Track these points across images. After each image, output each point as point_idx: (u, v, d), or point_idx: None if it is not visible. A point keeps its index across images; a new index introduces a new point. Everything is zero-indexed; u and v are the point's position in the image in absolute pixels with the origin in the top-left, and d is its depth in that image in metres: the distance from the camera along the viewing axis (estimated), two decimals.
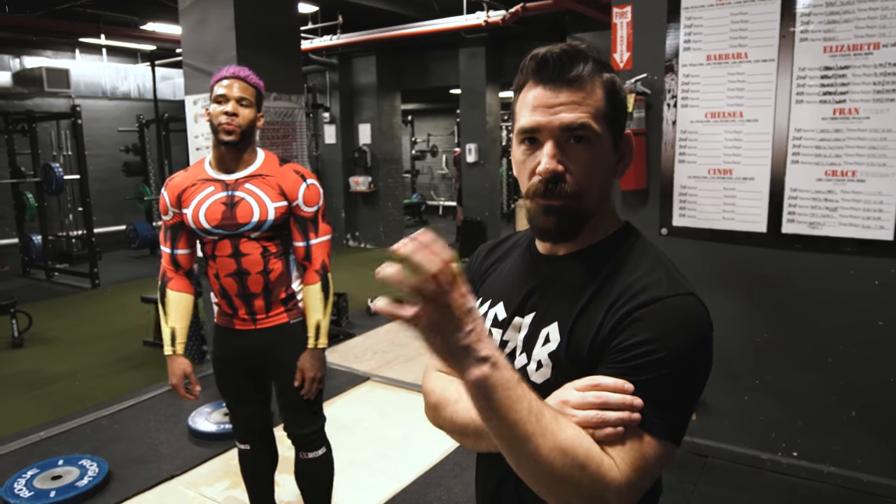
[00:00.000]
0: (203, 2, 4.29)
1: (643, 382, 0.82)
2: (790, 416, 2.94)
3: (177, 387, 2.18)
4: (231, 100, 2.01)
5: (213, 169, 2.10)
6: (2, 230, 8.39)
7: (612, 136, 0.92)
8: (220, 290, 2.14)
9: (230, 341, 2.21)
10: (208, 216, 2.04)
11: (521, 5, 6.35)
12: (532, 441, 0.75)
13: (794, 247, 2.81)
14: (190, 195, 2.08)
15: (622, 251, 0.94)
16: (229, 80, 2.02)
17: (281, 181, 2.09)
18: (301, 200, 2.11)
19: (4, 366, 4.86)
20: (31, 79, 7.84)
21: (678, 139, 3.01)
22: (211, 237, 2.07)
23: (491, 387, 0.73)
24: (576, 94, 0.88)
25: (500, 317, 1.01)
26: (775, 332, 2.95)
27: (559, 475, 0.77)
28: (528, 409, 0.75)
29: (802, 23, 2.67)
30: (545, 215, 0.91)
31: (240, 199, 2.05)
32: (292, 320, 2.21)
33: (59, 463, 3.15)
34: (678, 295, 0.87)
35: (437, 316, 0.69)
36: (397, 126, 10.15)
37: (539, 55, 0.90)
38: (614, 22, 3.08)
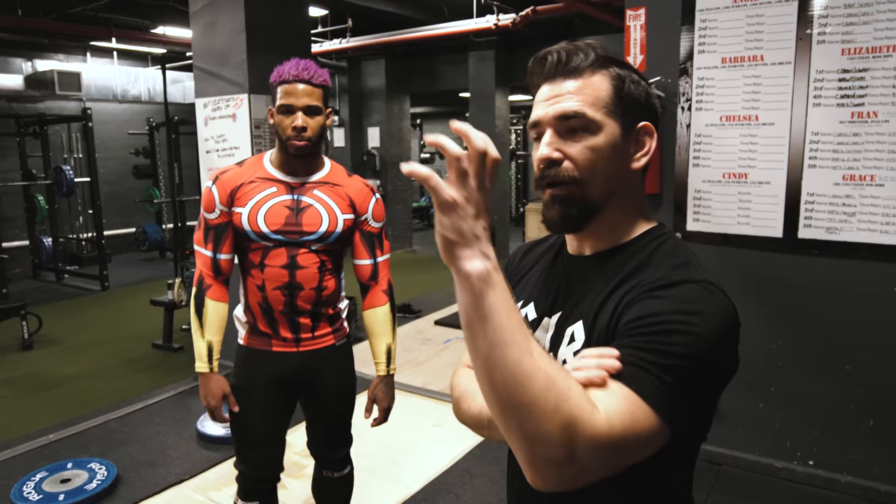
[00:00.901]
0: (214, 5, 4.29)
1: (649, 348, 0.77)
2: (806, 424, 2.90)
3: (216, 409, 1.91)
4: (298, 110, 1.80)
5: (275, 168, 1.90)
6: (13, 232, 8.43)
7: (622, 127, 0.91)
8: (261, 303, 1.89)
9: (263, 366, 1.94)
10: (269, 219, 1.83)
11: (532, 8, 6.32)
12: (514, 349, 0.68)
13: (811, 252, 2.77)
14: (247, 193, 1.86)
15: (648, 250, 0.92)
16: (293, 84, 1.80)
17: (351, 192, 1.93)
18: (370, 215, 1.97)
19: (14, 368, 4.87)
20: (42, 81, 7.88)
21: (692, 143, 2.97)
22: (265, 243, 1.86)
23: (491, 283, 0.68)
24: (573, 84, 0.90)
25: (530, 317, 1.01)
26: (791, 339, 2.91)
27: (533, 396, 0.67)
28: (519, 322, 0.70)
29: (820, 25, 2.63)
30: (550, 205, 0.92)
31: (307, 205, 1.86)
32: (338, 342, 2.02)
33: (68, 466, 3.14)
34: (704, 282, 0.84)
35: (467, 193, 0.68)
36: (406, 129, 10.15)
37: (540, 55, 0.94)
38: (628, 24, 3.05)
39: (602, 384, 0.75)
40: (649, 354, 0.77)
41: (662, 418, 0.76)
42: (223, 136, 4.37)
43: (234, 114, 4.26)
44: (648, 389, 0.75)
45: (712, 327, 0.79)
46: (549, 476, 0.71)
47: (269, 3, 4.25)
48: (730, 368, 0.85)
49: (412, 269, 8.72)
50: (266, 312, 1.90)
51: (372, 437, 3.48)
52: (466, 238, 0.68)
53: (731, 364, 0.85)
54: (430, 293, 7.07)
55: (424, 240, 11.30)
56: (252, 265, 1.89)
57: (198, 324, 1.89)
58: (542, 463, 0.71)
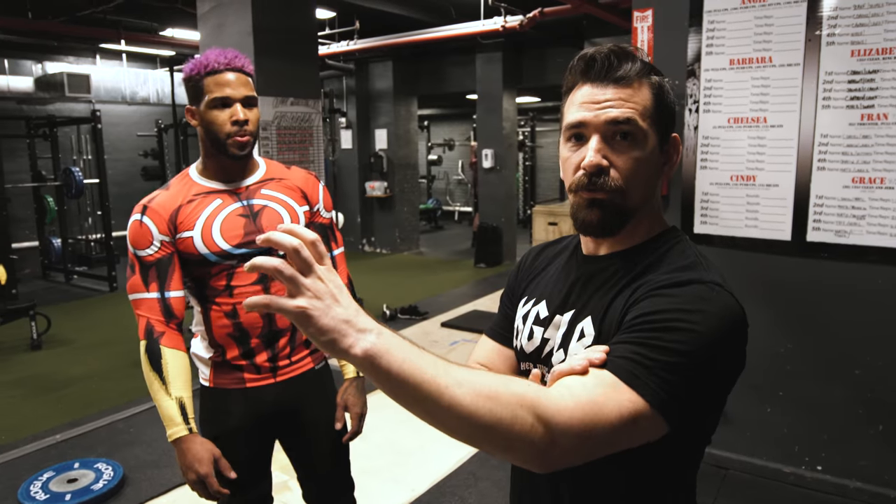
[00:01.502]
0: (221, 7, 4.31)
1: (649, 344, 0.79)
2: (815, 428, 2.87)
3: (207, 478, 1.55)
4: (235, 102, 1.58)
5: (208, 180, 1.65)
6: (23, 233, 8.48)
7: (658, 138, 0.92)
8: (232, 333, 1.64)
9: (237, 406, 1.68)
10: (226, 234, 1.59)
11: (539, 10, 6.32)
12: (446, 393, 0.68)
13: (820, 255, 2.74)
14: (190, 214, 1.60)
15: (660, 251, 0.94)
16: (224, 73, 1.58)
17: (299, 183, 1.73)
18: (322, 204, 1.77)
19: (23, 368, 4.89)
20: (52, 84, 7.94)
21: (700, 145, 2.96)
22: (228, 262, 1.60)
23: (384, 351, 0.67)
24: (623, 92, 0.89)
25: (541, 315, 1.02)
26: (799, 343, 2.88)
27: (489, 420, 0.70)
28: (433, 365, 0.70)
29: (829, 26, 2.61)
30: (588, 209, 0.91)
31: (261, 207, 1.63)
32: (317, 365, 1.79)
33: (75, 466, 3.16)
34: (711, 283, 0.85)
35: (311, 291, 0.67)
36: (413, 131, 10.15)
37: (587, 55, 0.92)
38: (635, 26, 3.04)
39: (584, 372, 0.78)
40: (648, 350, 0.78)
41: (651, 405, 0.76)
42: None
43: None
44: (636, 378, 0.77)
45: (714, 325, 0.81)
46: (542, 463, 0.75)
47: (277, 5, 4.27)
48: (734, 368, 0.85)
49: (419, 271, 8.72)
50: (240, 341, 1.64)
51: (376, 439, 3.48)
52: (337, 330, 0.67)
53: (735, 363, 0.85)
54: (437, 295, 7.07)
55: (431, 242, 11.31)
56: (216, 292, 1.62)
57: (159, 381, 1.55)
58: (529, 459, 0.75)
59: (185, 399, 1.56)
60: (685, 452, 0.92)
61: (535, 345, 1.01)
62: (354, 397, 1.78)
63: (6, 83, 7.90)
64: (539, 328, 1.01)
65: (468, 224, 12.74)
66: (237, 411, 1.68)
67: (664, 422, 0.78)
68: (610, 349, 0.81)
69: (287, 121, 4.35)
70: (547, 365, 0.99)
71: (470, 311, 6.20)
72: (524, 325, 1.04)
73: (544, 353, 0.99)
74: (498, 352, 1.12)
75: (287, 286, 0.67)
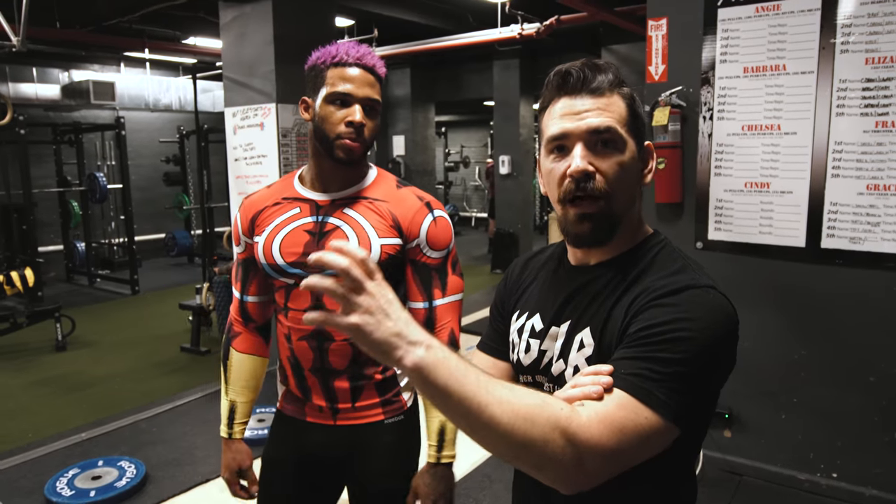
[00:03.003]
0: (243, 17, 4.40)
1: (655, 358, 0.83)
2: (829, 435, 2.87)
3: (229, 483, 1.57)
4: (356, 102, 1.37)
5: (304, 185, 1.50)
6: (48, 237, 8.66)
7: (637, 145, 0.97)
8: (290, 358, 1.50)
9: (295, 438, 1.55)
10: (284, 248, 1.43)
11: (556, 18, 6.35)
12: (486, 411, 0.74)
13: (835, 262, 2.75)
14: (267, 218, 1.49)
15: (649, 257, 0.97)
16: (352, 68, 1.37)
17: (396, 209, 1.44)
18: (424, 239, 1.44)
19: (49, 368, 5.01)
20: (78, 91, 8.11)
21: (714, 152, 2.98)
22: (284, 280, 1.46)
23: (431, 366, 0.72)
24: (599, 101, 0.93)
25: (537, 328, 1.04)
26: (814, 350, 2.88)
27: (523, 440, 0.75)
28: (476, 382, 0.75)
29: (843, 34, 2.63)
30: (579, 223, 0.95)
31: (333, 227, 1.42)
32: (389, 419, 1.50)
33: (99, 464, 3.24)
34: (703, 287, 0.89)
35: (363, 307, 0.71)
36: (431, 138, 10.21)
37: (562, 70, 0.96)
38: (649, 34, 3.07)
39: (599, 398, 0.82)
40: (654, 364, 0.82)
41: (666, 419, 0.81)
42: (251, 145, 4.47)
43: (261, 123, 4.36)
44: (650, 395, 0.81)
45: (713, 329, 0.85)
46: (569, 485, 0.80)
47: (297, 14, 4.35)
48: (729, 364, 0.90)
49: None
50: (296, 370, 1.50)
51: None
52: (389, 343, 0.72)
53: (730, 360, 0.90)
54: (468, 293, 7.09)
55: None
56: (279, 308, 1.51)
57: (224, 377, 1.58)
58: (557, 480, 0.80)
59: (239, 404, 1.56)
60: (688, 446, 0.95)
61: (532, 357, 1.03)
62: (427, 486, 1.46)
63: (34, 91, 8.09)
64: (535, 340, 1.03)
65: (485, 230, 12.77)
66: (290, 440, 1.56)
67: (677, 430, 0.83)
68: (619, 364, 0.85)
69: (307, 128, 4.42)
70: (546, 375, 1.02)
71: (486, 317, 6.21)
72: (520, 338, 1.06)
73: (542, 364, 1.02)
74: (492, 365, 1.14)
75: (341, 304, 0.72)
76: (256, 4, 4.29)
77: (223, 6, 4.51)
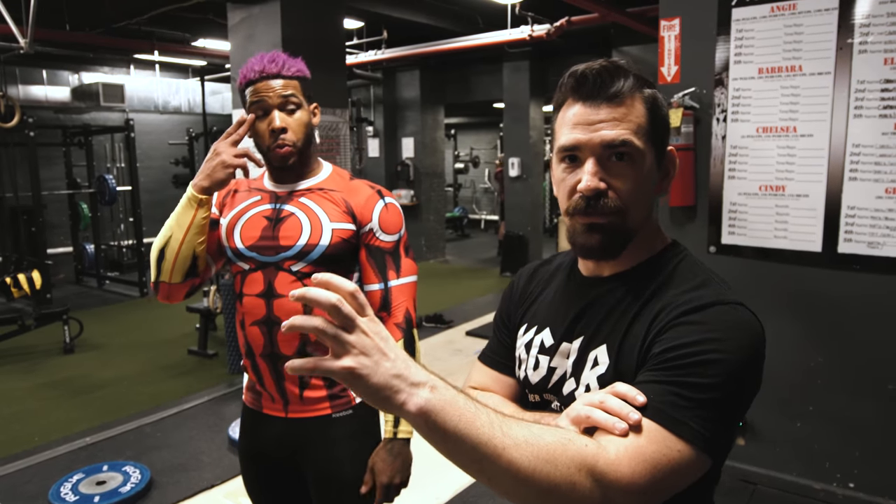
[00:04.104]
0: (251, 19, 4.38)
1: (686, 383, 0.77)
2: (846, 444, 2.80)
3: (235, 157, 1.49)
4: (272, 108, 1.47)
5: (269, 180, 1.60)
6: (58, 239, 8.69)
7: (655, 153, 0.90)
8: (245, 345, 1.54)
9: (256, 429, 1.60)
10: (244, 233, 1.52)
11: (566, 19, 6.31)
12: (504, 455, 0.67)
13: (852, 267, 2.69)
14: (232, 202, 1.59)
15: (668, 269, 0.91)
16: (261, 82, 1.47)
17: (349, 197, 1.53)
18: (377, 224, 1.53)
19: (56, 371, 5.00)
20: (88, 93, 8.15)
21: (728, 154, 2.92)
22: (241, 264, 1.52)
23: (439, 409, 0.66)
24: (616, 111, 0.86)
25: (546, 343, 0.98)
26: (830, 357, 2.82)
27: (547, 485, 0.69)
28: (489, 423, 0.68)
29: (861, 34, 2.57)
30: (588, 233, 0.89)
31: (289, 213, 1.50)
32: (337, 413, 1.53)
33: (104, 468, 3.22)
34: (730, 303, 0.83)
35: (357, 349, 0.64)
36: (440, 140, 10.19)
37: (578, 72, 0.89)
38: (662, 35, 3.02)
39: (624, 436, 0.75)
40: (684, 389, 0.77)
41: (699, 449, 0.76)
42: None
43: None
44: (682, 425, 0.76)
45: (742, 349, 0.80)
46: None
47: (306, 16, 4.33)
48: (758, 385, 0.85)
49: (445, 279, 8.73)
50: (249, 356, 1.54)
51: None
52: (389, 387, 0.65)
53: (759, 380, 0.85)
54: (462, 303, 7.06)
55: (457, 250, 11.31)
56: (235, 296, 1.56)
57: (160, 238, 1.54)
58: None
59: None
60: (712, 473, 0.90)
61: (541, 374, 0.97)
62: (384, 462, 1.48)
63: (44, 93, 8.13)
64: (545, 357, 0.97)
65: (494, 232, 12.73)
66: (252, 433, 1.61)
67: (710, 461, 0.78)
68: (645, 389, 0.78)
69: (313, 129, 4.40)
70: (556, 394, 0.96)
71: None
72: (528, 354, 1.00)
73: (551, 382, 0.96)
74: (494, 379, 1.08)
75: (331, 346, 0.65)
76: (265, 6, 4.27)
77: (231, 8, 4.49)
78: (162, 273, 1.51)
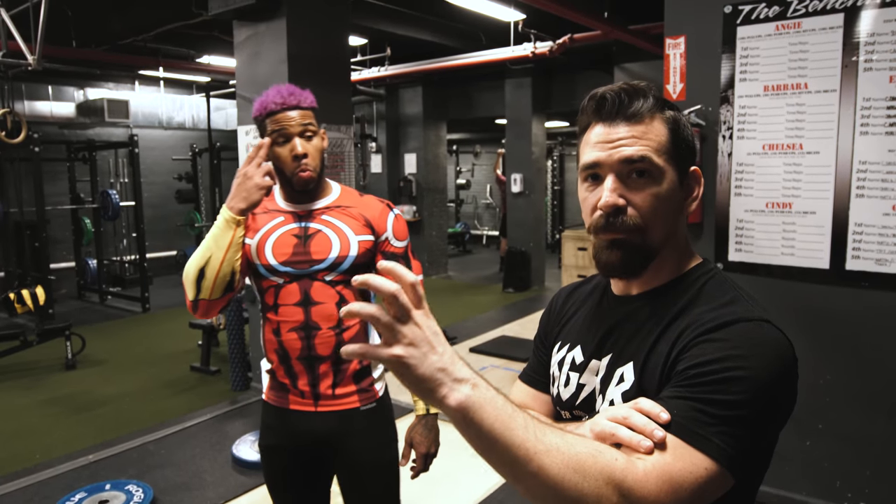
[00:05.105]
0: (257, 36, 4.41)
1: (709, 400, 0.77)
2: (857, 463, 2.77)
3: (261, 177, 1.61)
4: (294, 136, 1.64)
5: (283, 199, 1.76)
6: (60, 254, 8.70)
7: (677, 173, 0.91)
8: (278, 350, 1.70)
9: (282, 425, 1.74)
10: (276, 251, 1.67)
11: (569, 36, 6.34)
12: (535, 460, 0.69)
13: (860, 284, 2.67)
14: (255, 223, 1.72)
15: (696, 287, 0.92)
16: (282, 112, 1.65)
17: (365, 211, 1.74)
18: (391, 233, 1.75)
19: (58, 387, 4.98)
20: (93, 109, 8.19)
21: (734, 172, 2.92)
22: (275, 279, 1.68)
23: (477, 406, 0.67)
24: (635, 129, 0.88)
25: (577, 361, 0.99)
26: (839, 374, 2.80)
27: (574, 494, 0.70)
28: (524, 427, 0.69)
29: (866, 52, 2.58)
30: (608, 250, 0.90)
31: (315, 230, 1.69)
32: (365, 406, 1.72)
33: (107, 487, 3.19)
34: (756, 320, 0.83)
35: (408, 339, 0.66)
36: (443, 156, 10.22)
37: (598, 94, 0.91)
38: (667, 53, 3.03)
39: (649, 453, 0.76)
40: (709, 406, 0.77)
41: (722, 466, 0.76)
42: None
43: None
44: (707, 442, 0.76)
45: (768, 367, 0.79)
46: None
47: (311, 33, 4.35)
48: (789, 404, 0.84)
49: (447, 295, 8.71)
50: (283, 359, 1.70)
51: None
52: (433, 379, 0.67)
53: (790, 400, 0.84)
54: (466, 319, 7.04)
55: (459, 266, 11.30)
56: (267, 307, 1.71)
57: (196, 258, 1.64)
58: None
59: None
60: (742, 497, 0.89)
61: (571, 391, 0.99)
62: (421, 436, 1.74)
63: (49, 109, 8.17)
64: (575, 374, 0.99)
65: (496, 248, 12.72)
66: (278, 429, 1.75)
67: (732, 478, 0.77)
68: (670, 405, 0.78)
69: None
70: (586, 412, 0.97)
71: (499, 337, 6.16)
72: (560, 371, 1.02)
73: (580, 399, 0.97)
74: (533, 397, 1.10)
75: (383, 334, 0.67)
76: (271, 23, 4.29)
77: (237, 25, 4.52)
78: (202, 291, 1.61)
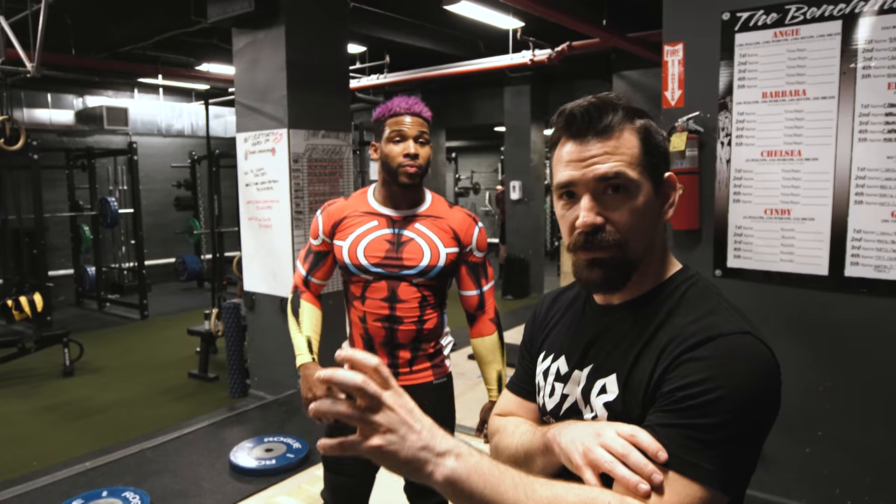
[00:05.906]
0: (256, 43, 4.42)
1: (695, 425, 0.77)
2: (857, 471, 2.76)
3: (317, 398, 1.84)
4: (410, 138, 1.85)
5: (377, 202, 1.93)
6: (59, 261, 8.69)
7: (652, 182, 0.90)
8: (363, 335, 1.91)
9: None
10: (368, 253, 1.85)
11: (567, 44, 6.37)
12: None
13: (859, 291, 2.67)
14: (348, 226, 1.91)
15: (677, 296, 0.91)
16: (404, 116, 1.86)
17: (454, 224, 1.92)
18: (475, 245, 1.96)
19: (55, 394, 4.96)
20: (92, 117, 8.20)
21: (732, 178, 2.92)
22: (364, 276, 1.87)
23: (465, 476, 0.69)
24: (607, 144, 0.87)
25: (562, 371, 0.99)
26: (838, 381, 2.79)
27: None
28: (514, 487, 0.71)
29: (865, 59, 2.58)
30: (589, 268, 0.89)
31: (408, 238, 1.86)
32: (437, 380, 1.97)
33: (104, 495, 3.17)
34: (737, 333, 0.83)
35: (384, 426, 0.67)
36: (441, 163, 10.23)
37: (566, 110, 0.90)
38: (665, 59, 3.04)
39: (646, 497, 0.76)
40: (697, 432, 0.77)
41: (716, 489, 0.77)
42: (262, 170, 4.46)
43: (273, 148, 4.35)
44: (698, 469, 0.76)
45: (752, 381, 0.80)
46: None
47: (310, 41, 4.36)
48: (774, 413, 0.84)
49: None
50: (367, 344, 1.90)
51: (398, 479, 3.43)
52: (416, 459, 0.68)
53: (774, 409, 0.84)
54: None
55: None
56: (354, 297, 1.91)
57: (296, 323, 1.97)
58: None
59: (313, 339, 1.94)
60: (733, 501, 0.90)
61: (555, 401, 0.99)
62: None
63: (49, 116, 8.18)
64: (559, 384, 0.99)
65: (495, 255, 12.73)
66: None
67: (727, 498, 0.78)
68: (658, 433, 0.79)
69: (318, 153, 4.41)
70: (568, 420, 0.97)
71: None
72: (545, 381, 1.02)
73: (563, 409, 0.97)
74: (520, 406, 1.10)
75: (359, 427, 0.67)
76: (270, 31, 4.30)
77: (236, 33, 4.53)
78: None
